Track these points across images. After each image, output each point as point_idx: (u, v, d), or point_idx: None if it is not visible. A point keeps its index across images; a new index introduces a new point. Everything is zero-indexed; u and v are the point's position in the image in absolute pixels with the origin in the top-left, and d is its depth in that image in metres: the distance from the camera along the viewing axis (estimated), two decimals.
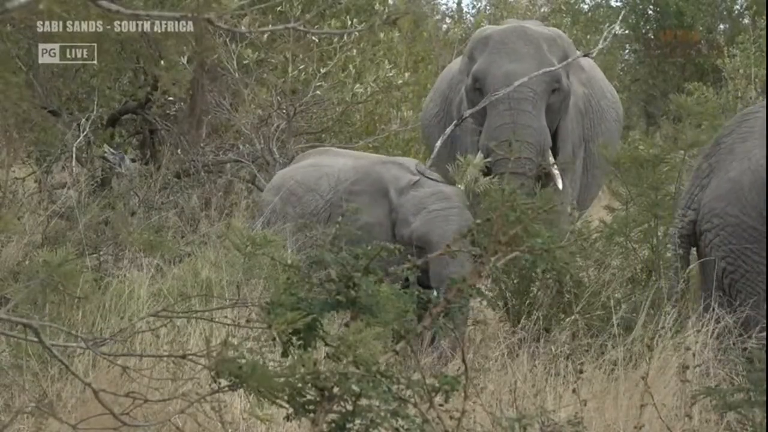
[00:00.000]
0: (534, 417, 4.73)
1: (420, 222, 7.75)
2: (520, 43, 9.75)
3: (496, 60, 9.68)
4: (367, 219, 7.88)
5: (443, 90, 10.45)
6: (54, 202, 9.98)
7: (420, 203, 7.85)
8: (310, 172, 8.51)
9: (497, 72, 9.61)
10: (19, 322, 4.48)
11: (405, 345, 4.53)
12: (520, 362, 6.55)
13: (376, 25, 4.76)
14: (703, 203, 6.40)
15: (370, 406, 4.40)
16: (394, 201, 7.94)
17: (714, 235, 6.31)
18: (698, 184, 6.48)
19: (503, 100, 9.45)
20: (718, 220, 6.29)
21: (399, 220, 7.89)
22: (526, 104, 9.46)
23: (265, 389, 4.28)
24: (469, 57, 10.01)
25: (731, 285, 6.28)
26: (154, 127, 11.65)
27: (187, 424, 4.88)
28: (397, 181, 8.01)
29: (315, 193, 8.36)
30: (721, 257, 6.27)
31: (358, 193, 8.09)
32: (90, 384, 4.49)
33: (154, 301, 6.93)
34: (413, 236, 7.73)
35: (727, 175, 6.31)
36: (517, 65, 9.59)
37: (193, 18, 4.55)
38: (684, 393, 5.33)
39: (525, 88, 9.47)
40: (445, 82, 10.52)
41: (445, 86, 10.43)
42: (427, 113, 10.66)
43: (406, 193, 7.93)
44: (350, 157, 8.60)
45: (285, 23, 5.70)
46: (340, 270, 4.49)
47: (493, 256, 4.58)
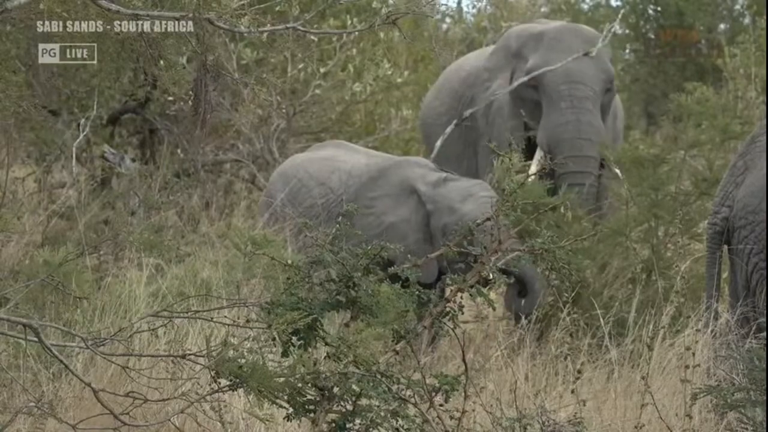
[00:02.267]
0: (534, 417, 4.73)
1: (471, 206, 7.75)
2: (577, 42, 9.76)
3: (554, 58, 9.68)
4: (392, 219, 7.91)
5: (453, 88, 10.38)
6: (54, 202, 9.99)
7: (466, 191, 7.87)
8: (323, 166, 8.50)
9: (557, 69, 9.60)
10: (19, 322, 4.48)
11: (405, 345, 4.53)
12: (520, 362, 6.55)
13: (376, 25, 4.76)
14: (737, 200, 6.39)
15: (370, 406, 4.40)
16: (427, 194, 7.94)
17: (749, 231, 6.30)
18: (733, 182, 6.47)
19: (565, 98, 9.46)
20: (753, 217, 6.28)
21: (439, 211, 7.88)
22: (588, 103, 9.48)
23: (265, 389, 4.28)
24: (514, 54, 9.95)
25: (759, 281, 6.27)
26: (154, 127, 11.65)
27: (186, 424, 4.88)
28: (423, 177, 8.04)
29: (326, 187, 8.36)
30: (754, 253, 6.26)
31: (378, 197, 8.09)
32: (90, 384, 4.49)
33: (153, 301, 6.93)
34: (463, 220, 7.74)
35: (761, 172, 6.31)
36: (574, 63, 9.60)
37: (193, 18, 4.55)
38: (684, 393, 5.32)
39: (585, 87, 9.49)
40: (456, 80, 10.43)
41: (458, 84, 10.35)
42: (431, 111, 10.59)
43: (444, 185, 7.94)
44: (364, 155, 8.60)
45: (285, 23, 5.70)
46: (340, 270, 4.49)
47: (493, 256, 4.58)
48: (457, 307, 4.58)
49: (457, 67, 10.72)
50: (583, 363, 6.33)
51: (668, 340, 6.67)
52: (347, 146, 8.92)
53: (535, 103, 9.66)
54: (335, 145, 8.96)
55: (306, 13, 9.98)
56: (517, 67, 9.90)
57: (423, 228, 7.90)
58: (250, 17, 4.81)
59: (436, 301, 4.59)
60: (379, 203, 8.02)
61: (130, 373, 4.66)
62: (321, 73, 11.41)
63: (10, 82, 5.06)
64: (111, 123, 11.43)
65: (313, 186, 8.41)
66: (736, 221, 6.39)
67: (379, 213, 7.99)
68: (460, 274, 4.76)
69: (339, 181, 8.31)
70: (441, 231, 7.73)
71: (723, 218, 6.45)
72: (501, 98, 9.87)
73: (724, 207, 6.46)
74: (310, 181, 8.45)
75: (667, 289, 7.31)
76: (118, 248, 8.36)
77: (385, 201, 8.03)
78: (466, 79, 10.28)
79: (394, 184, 8.08)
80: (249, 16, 4.81)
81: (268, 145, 11.14)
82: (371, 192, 8.13)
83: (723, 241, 6.50)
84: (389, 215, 7.94)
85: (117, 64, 5.41)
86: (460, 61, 10.96)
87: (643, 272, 7.70)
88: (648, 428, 5.34)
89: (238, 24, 4.78)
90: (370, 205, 8.02)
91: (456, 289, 4.59)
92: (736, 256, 6.38)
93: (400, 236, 7.73)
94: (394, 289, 4.48)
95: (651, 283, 7.54)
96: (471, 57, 10.92)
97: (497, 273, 4.57)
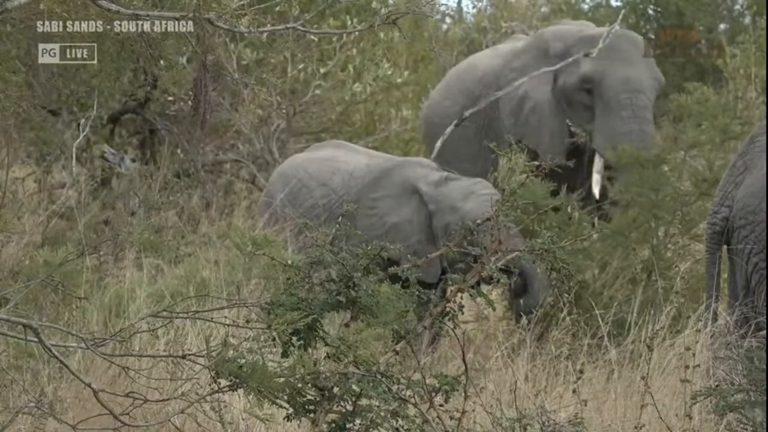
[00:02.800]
0: (534, 417, 4.73)
1: (473, 204, 7.75)
2: (633, 49, 9.77)
3: (612, 64, 9.66)
4: (394, 220, 7.92)
5: (467, 88, 10.25)
6: (54, 202, 9.98)
7: (467, 190, 7.88)
8: (324, 166, 8.50)
9: (615, 76, 9.60)
10: (19, 322, 4.47)
11: (405, 345, 4.53)
12: (520, 362, 6.55)
13: (376, 25, 4.76)
14: (737, 200, 6.39)
15: (370, 406, 4.40)
16: (429, 194, 7.94)
17: (749, 231, 6.30)
18: (732, 181, 6.47)
19: (626, 107, 9.48)
20: (753, 217, 6.28)
21: (441, 211, 7.88)
22: (648, 113, 9.56)
23: (265, 389, 4.28)
24: (558, 55, 9.88)
25: (759, 281, 6.27)
26: (154, 127, 11.65)
27: (186, 424, 4.88)
28: (425, 177, 8.04)
29: (327, 188, 8.36)
30: (754, 253, 6.26)
31: (380, 198, 8.09)
32: (90, 384, 4.49)
33: (153, 301, 6.93)
34: (464, 219, 7.73)
35: (761, 172, 6.31)
36: (634, 71, 9.63)
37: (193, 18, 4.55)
38: (684, 393, 5.32)
39: (644, 96, 9.54)
40: (471, 79, 10.29)
41: (473, 84, 10.25)
42: (439, 110, 10.45)
43: (446, 184, 7.95)
44: (365, 155, 8.59)
45: (285, 23, 5.70)
46: (340, 270, 4.49)
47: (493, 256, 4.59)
48: (458, 307, 4.58)
49: (470, 66, 10.60)
50: (583, 363, 6.33)
51: (668, 340, 6.67)
52: (347, 146, 8.91)
53: (585, 107, 9.65)
54: (335, 146, 8.95)
55: (306, 13, 9.98)
56: (566, 70, 9.82)
57: (425, 228, 7.91)
58: (250, 17, 4.82)
59: (436, 302, 4.59)
60: (382, 204, 8.03)
61: (130, 373, 4.66)
62: (321, 73, 11.41)
63: (10, 82, 5.06)
64: (111, 123, 11.43)
65: (314, 186, 8.41)
66: (736, 221, 6.38)
67: (381, 214, 7.99)
68: (461, 274, 4.76)
69: (341, 182, 8.31)
70: (443, 230, 7.74)
71: (723, 218, 6.44)
72: (537, 98, 9.78)
73: (724, 207, 6.46)
74: (311, 181, 8.44)
75: (667, 289, 7.31)
76: (118, 248, 8.36)
77: (387, 202, 8.04)
78: (483, 79, 10.18)
79: (396, 184, 8.08)
80: (249, 16, 4.81)
81: (268, 146, 11.14)
82: (373, 193, 8.13)
83: (723, 241, 6.49)
84: (392, 216, 7.95)
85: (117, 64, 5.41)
86: (472, 60, 10.85)
87: (643, 272, 7.69)
88: (648, 428, 5.34)
89: (238, 24, 4.78)
90: (373, 206, 8.03)
91: (456, 290, 4.59)
92: (735, 256, 6.38)
93: (402, 237, 7.74)
94: (394, 289, 4.48)
95: (651, 284, 7.53)
96: (482, 56, 10.77)
97: (498, 273, 4.57)
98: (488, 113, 9.99)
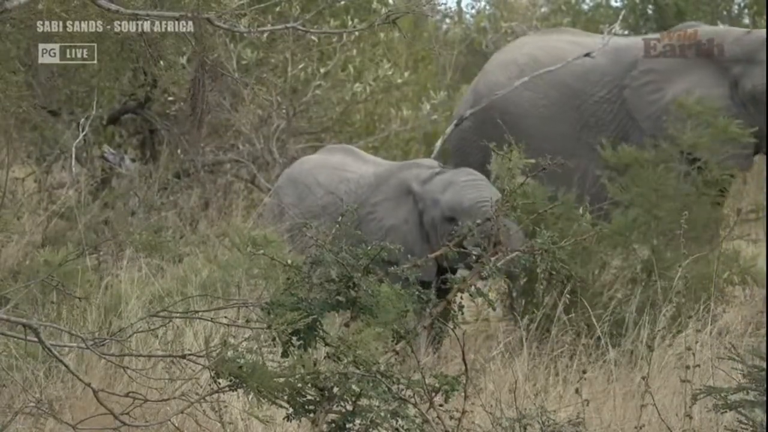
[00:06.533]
0: (534, 417, 4.73)
1: (450, 194, 7.75)
2: None
3: None
4: (392, 222, 7.94)
5: (565, 82, 9.68)
6: (54, 203, 9.98)
7: (446, 181, 7.87)
8: (333, 174, 8.51)
9: None
10: (19, 322, 4.48)
11: (405, 345, 4.53)
12: (520, 362, 6.55)
13: (376, 25, 4.76)
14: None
15: (370, 406, 4.40)
16: (418, 192, 7.95)
17: None
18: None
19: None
20: None
21: (427, 207, 7.89)
22: None
23: (265, 389, 4.28)
24: (748, 60, 9.65)
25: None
26: (154, 127, 11.65)
27: (186, 424, 4.88)
28: (418, 176, 8.05)
29: (334, 196, 8.38)
30: None
31: (380, 202, 8.11)
32: (90, 384, 4.49)
33: (152, 301, 6.92)
34: (444, 209, 7.73)
35: None
36: None
37: (193, 18, 4.55)
38: (684, 393, 5.32)
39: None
40: (570, 75, 9.72)
41: (573, 80, 9.69)
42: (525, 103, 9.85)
43: (431, 180, 7.95)
44: (372, 164, 8.59)
45: (285, 23, 5.70)
46: (340, 270, 4.49)
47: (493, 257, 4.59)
48: (457, 307, 4.58)
49: (554, 58, 9.92)
50: (584, 363, 6.33)
51: (668, 340, 6.67)
52: (357, 153, 8.91)
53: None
54: (345, 151, 8.95)
55: (306, 13, 9.97)
56: (744, 72, 9.63)
57: (420, 227, 7.92)
58: (250, 17, 4.82)
59: (435, 302, 4.60)
60: (380, 208, 8.06)
61: (129, 373, 4.66)
62: (321, 73, 11.41)
63: (10, 82, 5.06)
64: (111, 123, 11.43)
65: (321, 194, 8.44)
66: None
67: (380, 218, 8.02)
68: (463, 266, 4.76)
69: (347, 191, 8.34)
70: (431, 226, 7.77)
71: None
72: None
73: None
74: (319, 188, 8.47)
75: (667, 289, 7.31)
76: (118, 248, 8.36)
77: (385, 205, 8.06)
78: (583, 76, 9.70)
79: (394, 187, 8.11)
80: (249, 16, 4.81)
81: (268, 146, 11.13)
82: (373, 198, 8.16)
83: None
84: (389, 218, 7.97)
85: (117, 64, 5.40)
86: (558, 54, 10.03)
87: (643, 272, 7.69)
88: (648, 428, 5.34)
89: (238, 24, 4.78)
90: (373, 211, 8.06)
91: (456, 290, 4.60)
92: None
93: (400, 238, 7.75)
94: (394, 289, 4.48)
95: (651, 284, 7.53)
96: (575, 52, 9.95)
97: (497, 272, 4.57)
98: (617, 113, 9.65)
